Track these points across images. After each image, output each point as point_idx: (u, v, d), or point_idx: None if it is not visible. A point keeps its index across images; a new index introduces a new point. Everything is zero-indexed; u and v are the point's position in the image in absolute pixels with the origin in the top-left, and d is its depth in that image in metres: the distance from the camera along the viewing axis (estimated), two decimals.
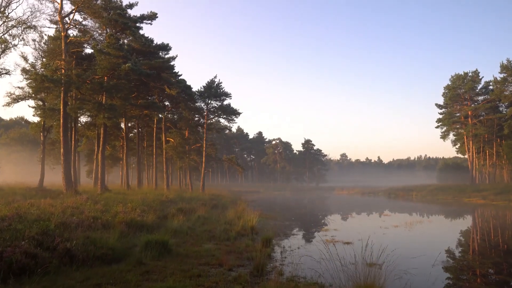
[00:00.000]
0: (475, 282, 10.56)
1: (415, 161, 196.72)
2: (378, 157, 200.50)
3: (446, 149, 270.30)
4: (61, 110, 26.78)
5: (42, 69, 26.93)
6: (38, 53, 29.93)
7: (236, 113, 45.24)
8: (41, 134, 38.50)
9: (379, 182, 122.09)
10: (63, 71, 26.63)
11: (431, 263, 12.23)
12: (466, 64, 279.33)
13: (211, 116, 46.89)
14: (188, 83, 40.67)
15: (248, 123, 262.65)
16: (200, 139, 49.26)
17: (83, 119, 43.09)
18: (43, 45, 29.59)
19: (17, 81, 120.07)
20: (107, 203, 19.62)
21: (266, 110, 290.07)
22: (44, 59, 29.79)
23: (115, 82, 27.07)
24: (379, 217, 28.64)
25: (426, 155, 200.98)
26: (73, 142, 35.22)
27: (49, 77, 24.04)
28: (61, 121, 26.95)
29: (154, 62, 32.27)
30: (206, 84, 44.99)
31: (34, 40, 29.19)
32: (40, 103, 36.37)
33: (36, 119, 42.13)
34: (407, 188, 72.68)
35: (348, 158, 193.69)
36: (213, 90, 44.10)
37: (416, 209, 38.79)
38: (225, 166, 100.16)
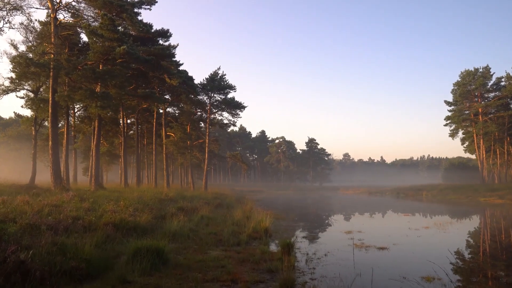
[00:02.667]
0: None
1: (418, 161, 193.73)
2: (381, 157, 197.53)
3: (450, 149, 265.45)
4: (50, 99, 24.19)
5: (28, 53, 24.33)
6: (26, 37, 27.34)
7: (240, 106, 42.49)
8: (33, 128, 35.93)
9: (383, 182, 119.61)
10: (52, 56, 24.05)
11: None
12: (471, 62, 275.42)
13: (214, 111, 44.11)
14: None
15: (251, 121, 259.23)
16: (203, 135, 46.62)
17: (78, 112, 40.62)
18: (31, 29, 26.99)
19: (6, 71, 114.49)
20: (97, 201, 17.05)
21: (269, 109, 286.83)
22: (33, 43, 27.14)
23: (109, 68, 24.45)
24: (400, 218, 26.01)
25: (429, 155, 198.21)
26: (65, 136, 32.71)
27: (35, 60, 21.48)
28: (50, 111, 24.33)
29: (153, 49, 29.59)
30: (209, 76, 42.30)
31: (21, 24, 26.51)
32: (31, 94, 33.76)
33: (29, 113, 39.57)
34: (416, 188, 70.04)
35: (351, 158, 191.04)
36: (217, 82, 41.38)
37: (434, 209, 36.17)
38: (228, 164, 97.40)
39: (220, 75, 41.94)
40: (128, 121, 49.93)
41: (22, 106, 36.02)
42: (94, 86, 26.76)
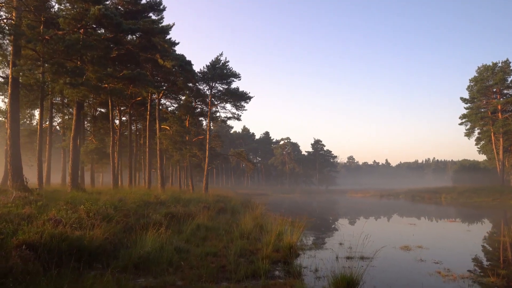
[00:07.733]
0: None
1: (424, 164, 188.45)
2: (386, 160, 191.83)
3: (456, 152, 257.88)
4: (10, 74, 19.37)
5: None
6: None
7: (246, 97, 37.36)
8: (6, 121, 31.03)
9: (390, 185, 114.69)
10: (13, 22, 19.22)
11: None
12: (477, 63, 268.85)
13: (216, 103, 38.94)
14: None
15: (254, 123, 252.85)
16: (203, 131, 41.66)
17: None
18: None
19: None
20: (50, 206, 12.10)
21: (272, 110, 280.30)
22: None
23: (84, 37, 19.53)
24: (449, 225, 20.88)
25: (434, 157, 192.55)
26: (39, 127, 27.83)
27: None
28: (9, 90, 19.48)
29: (143, 22, 24.69)
30: (210, 63, 37.25)
31: None
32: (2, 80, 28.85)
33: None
34: (431, 190, 65.02)
35: (355, 161, 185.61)
36: (219, 70, 36.27)
37: (475, 213, 31.24)
38: (231, 164, 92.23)
39: (222, 62, 36.84)
40: (123, 118, 45.11)
41: None
42: (70, 64, 21.80)
